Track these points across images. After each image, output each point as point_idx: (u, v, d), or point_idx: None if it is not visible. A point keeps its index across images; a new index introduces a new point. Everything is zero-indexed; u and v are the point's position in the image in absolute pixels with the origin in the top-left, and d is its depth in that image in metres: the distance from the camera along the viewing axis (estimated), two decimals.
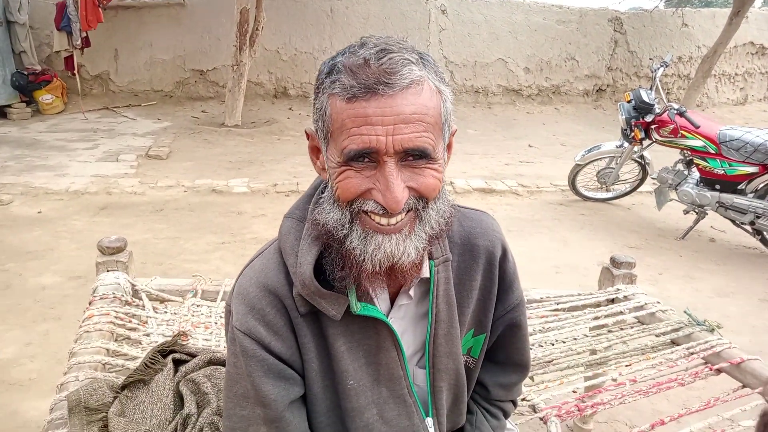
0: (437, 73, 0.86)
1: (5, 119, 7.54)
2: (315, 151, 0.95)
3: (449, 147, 0.94)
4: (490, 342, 1.16)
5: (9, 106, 7.61)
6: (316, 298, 0.92)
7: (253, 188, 5.49)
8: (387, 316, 0.99)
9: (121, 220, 4.58)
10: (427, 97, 0.82)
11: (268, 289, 0.94)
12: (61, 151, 6.34)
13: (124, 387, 1.33)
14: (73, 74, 7.84)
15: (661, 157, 5.82)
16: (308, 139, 0.95)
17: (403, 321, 1.03)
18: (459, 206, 1.10)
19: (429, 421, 1.08)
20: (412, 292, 1.00)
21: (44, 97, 7.81)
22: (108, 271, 1.96)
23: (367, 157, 0.82)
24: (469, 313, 1.08)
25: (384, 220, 0.85)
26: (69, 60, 7.83)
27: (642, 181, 5.59)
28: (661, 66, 5.18)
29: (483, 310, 1.10)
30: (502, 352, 1.20)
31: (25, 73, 7.72)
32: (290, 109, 9.06)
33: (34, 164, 5.81)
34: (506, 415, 1.30)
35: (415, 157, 0.83)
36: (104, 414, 1.24)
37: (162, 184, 5.44)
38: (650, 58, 10.48)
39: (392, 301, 1.02)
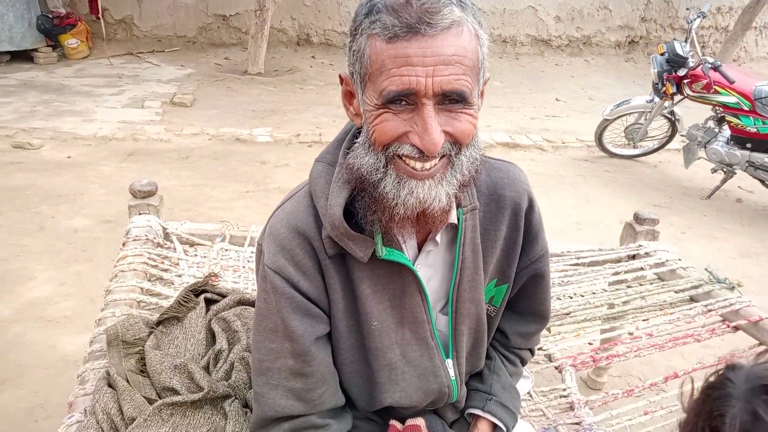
0: (475, 16, 0.85)
1: (32, 63, 7.59)
2: (348, 97, 0.95)
3: (482, 95, 0.93)
4: (512, 292, 1.18)
5: (35, 50, 7.64)
6: (344, 240, 0.94)
7: (277, 138, 5.50)
8: (414, 263, 1.02)
9: (148, 167, 4.65)
10: (466, 39, 0.82)
11: (298, 231, 0.97)
12: (88, 96, 6.40)
13: (159, 323, 1.40)
14: (98, 18, 7.81)
15: (692, 114, 5.66)
16: (342, 84, 0.95)
17: (430, 268, 1.06)
18: (487, 157, 1.11)
19: (449, 362, 1.12)
20: (439, 239, 1.02)
21: (70, 41, 7.80)
22: (140, 214, 2.02)
23: (405, 100, 0.82)
24: (493, 262, 1.10)
25: (419, 165, 0.86)
26: (93, 3, 7.78)
27: (671, 138, 5.46)
28: (699, 17, 4.96)
29: (507, 261, 1.12)
30: (524, 301, 1.23)
31: (50, 16, 7.69)
32: (313, 57, 8.94)
33: (62, 109, 5.88)
34: (523, 362, 1.33)
35: (452, 100, 0.83)
36: (141, 348, 1.31)
37: (187, 131, 5.49)
38: (687, 9, 9.99)
39: (420, 247, 1.04)
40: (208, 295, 1.53)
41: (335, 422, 1.06)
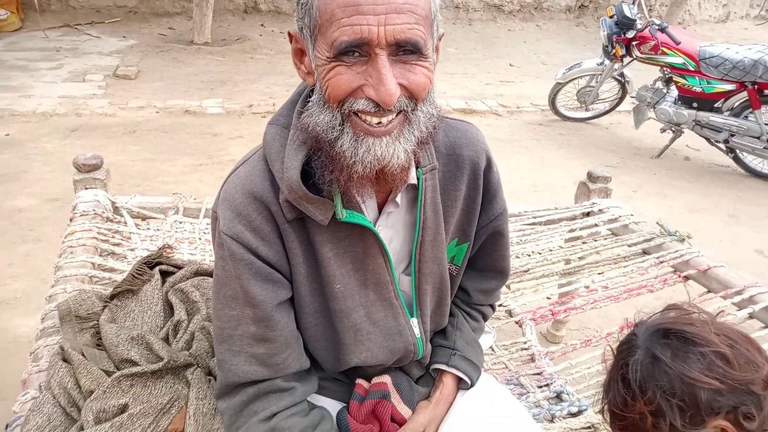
0: None
1: None
2: (299, 55, 0.92)
3: (437, 50, 0.92)
4: (473, 250, 1.19)
5: None
6: (303, 203, 0.92)
7: (228, 109, 5.35)
8: (375, 224, 1.01)
9: (93, 142, 4.45)
10: None
11: (254, 196, 0.94)
12: (24, 71, 6.04)
13: (112, 297, 1.35)
14: None
15: (641, 75, 5.79)
16: (291, 41, 0.92)
17: (391, 229, 1.05)
18: (445, 116, 1.09)
19: (414, 321, 1.12)
20: (399, 200, 1.01)
21: None
22: (86, 188, 1.93)
23: (357, 51, 0.80)
24: (453, 221, 1.10)
25: (375, 120, 0.84)
26: None
27: (621, 99, 5.60)
28: None
29: (467, 220, 1.12)
30: (484, 259, 1.24)
31: None
32: (262, 25, 8.67)
33: None
34: (485, 318, 1.36)
35: (406, 51, 0.81)
36: (95, 322, 1.27)
37: (133, 104, 5.27)
38: None
39: (380, 209, 1.03)
40: (163, 267, 1.49)
41: (300, 385, 1.06)
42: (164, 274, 1.49)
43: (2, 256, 2.92)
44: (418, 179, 1.00)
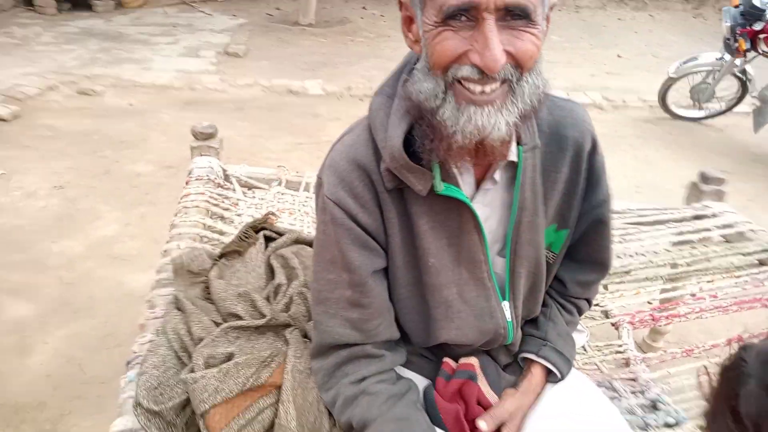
0: None
1: (91, 12, 7.75)
2: (408, 22, 0.92)
3: (547, 20, 0.89)
4: (573, 238, 1.15)
5: None
6: (403, 172, 0.93)
7: (328, 91, 5.48)
8: (472, 200, 1.00)
9: (205, 116, 4.71)
10: None
11: (357, 164, 0.96)
12: (145, 44, 6.51)
13: (221, 256, 1.45)
14: None
15: (766, 73, 5.30)
16: (401, 9, 0.92)
17: (488, 207, 1.03)
18: (551, 94, 1.06)
19: (506, 304, 1.10)
20: (497, 176, 0.99)
21: None
22: (201, 155, 2.07)
23: (465, 15, 0.79)
24: (553, 205, 1.07)
25: (479, 88, 0.83)
26: None
27: (740, 99, 5.13)
28: None
29: (567, 205, 1.08)
30: (584, 249, 1.19)
31: None
32: (363, 8, 8.77)
33: (122, 57, 6.02)
34: (580, 312, 1.30)
35: (515, 17, 0.80)
36: (205, 277, 1.36)
37: (241, 82, 5.53)
38: None
39: (478, 185, 1.02)
40: (267, 232, 1.57)
41: (390, 354, 1.08)
42: (267, 240, 1.57)
43: (121, 216, 3.20)
44: (518, 157, 0.98)
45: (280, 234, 1.59)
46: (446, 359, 1.16)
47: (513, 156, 0.97)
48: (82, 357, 2.26)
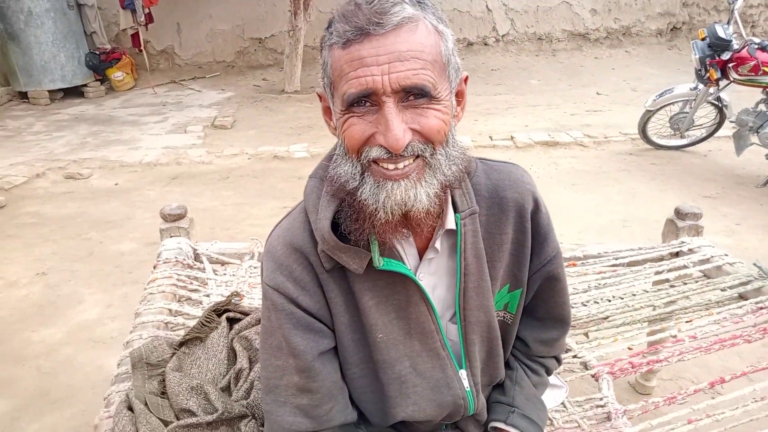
0: (435, 14, 0.86)
1: (83, 98, 8.00)
2: (328, 113, 0.96)
3: (461, 95, 0.92)
4: (527, 297, 1.14)
5: (85, 85, 8.06)
6: (336, 252, 0.94)
7: (313, 153, 5.57)
8: (416, 272, 1.00)
9: (190, 189, 4.80)
10: (422, 34, 0.82)
11: (294, 247, 0.97)
12: (134, 125, 6.68)
13: (182, 344, 1.42)
14: (140, 50, 8.17)
15: (742, 98, 5.37)
16: (321, 100, 0.96)
17: (434, 276, 1.03)
18: (485, 159, 1.08)
19: (463, 373, 1.08)
20: (438, 245, 0.99)
21: (116, 74, 8.19)
22: (171, 237, 2.07)
23: (367, 100, 0.83)
24: (502, 267, 1.06)
25: (391, 165, 0.85)
26: (135, 37, 8.15)
27: (719, 125, 5.20)
28: None
29: (517, 264, 1.08)
30: (542, 306, 1.18)
31: (97, 52, 8.11)
32: None
33: (110, 139, 6.15)
34: (548, 371, 1.28)
35: (415, 95, 0.83)
36: (164, 369, 1.33)
37: (227, 152, 5.64)
38: None
39: (421, 256, 1.02)
40: (231, 314, 1.55)
41: None
42: (232, 321, 1.55)
43: (104, 297, 3.18)
44: (456, 224, 0.98)
45: (245, 314, 1.57)
46: None
47: (451, 224, 0.98)
48: None
